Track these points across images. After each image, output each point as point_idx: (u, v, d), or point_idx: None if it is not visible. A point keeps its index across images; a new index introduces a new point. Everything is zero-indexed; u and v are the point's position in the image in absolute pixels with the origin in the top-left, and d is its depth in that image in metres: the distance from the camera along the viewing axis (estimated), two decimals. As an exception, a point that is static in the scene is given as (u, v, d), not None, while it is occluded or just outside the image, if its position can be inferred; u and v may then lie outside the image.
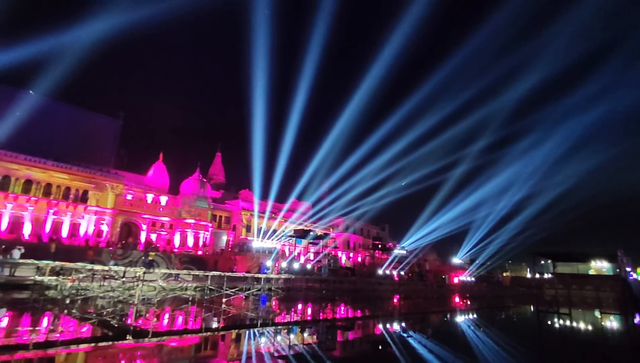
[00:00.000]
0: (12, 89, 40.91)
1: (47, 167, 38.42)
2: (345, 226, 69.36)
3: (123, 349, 9.88)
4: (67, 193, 39.57)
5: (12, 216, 35.79)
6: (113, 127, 50.60)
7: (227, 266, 39.36)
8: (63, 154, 40.73)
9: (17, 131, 35.50)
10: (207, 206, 50.42)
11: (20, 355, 8.47)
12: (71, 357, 8.84)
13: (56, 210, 38.39)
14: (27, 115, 35.92)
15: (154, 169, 54.17)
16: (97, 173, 42.20)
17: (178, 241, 46.71)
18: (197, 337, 12.24)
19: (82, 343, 10.23)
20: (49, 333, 11.04)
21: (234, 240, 52.77)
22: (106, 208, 41.78)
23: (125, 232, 43.82)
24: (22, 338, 10.28)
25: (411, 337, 14.42)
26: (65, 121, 44.84)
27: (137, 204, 45.89)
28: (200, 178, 52.30)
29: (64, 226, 38.61)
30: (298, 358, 9.64)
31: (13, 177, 36.42)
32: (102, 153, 47.89)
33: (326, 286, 34.86)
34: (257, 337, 12.66)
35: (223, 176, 74.75)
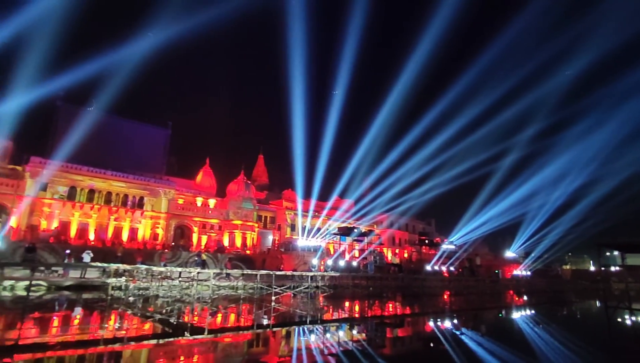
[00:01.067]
0: (75, 107, 44.62)
1: (107, 177, 41.53)
2: (390, 222, 68.33)
3: (182, 345, 10.43)
4: (125, 200, 42.51)
5: (79, 223, 39.08)
6: (163, 136, 53.54)
7: (274, 265, 40.30)
8: (120, 164, 43.79)
9: (80, 146, 38.63)
10: (252, 208, 51.89)
11: (93, 350, 9.23)
12: (136, 353, 9.49)
13: (116, 216, 41.38)
14: (88, 130, 39.00)
15: (202, 173, 56.67)
16: (150, 180, 44.94)
17: (227, 242, 48.51)
18: (249, 333, 12.65)
19: (145, 340, 10.95)
20: (116, 331, 11.92)
21: (280, 239, 53.86)
22: (160, 212, 44.35)
23: (178, 234, 46.24)
24: (94, 334, 11.19)
25: (464, 335, 13.92)
26: (120, 134, 48.11)
27: (188, 208, 48.27)
28: (244, 180, 53.92)
29: (124, 231, 41.53)
30: (348, 355, 9.65)
31: (78, 187, 39.75)
32: (154, 161, 50.87)
33: (373, 283, 34.58)
34: (306, 334, 12.84)
35: (266, 178, 76.49)
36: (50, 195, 37.80)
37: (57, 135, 42.55)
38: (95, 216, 40.07)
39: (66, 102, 44.99)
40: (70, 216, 38.64)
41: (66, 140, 37.54)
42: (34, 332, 11.35)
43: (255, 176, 74.60)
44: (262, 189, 67.38)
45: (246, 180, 54.57)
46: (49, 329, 12.04)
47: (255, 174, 75.31)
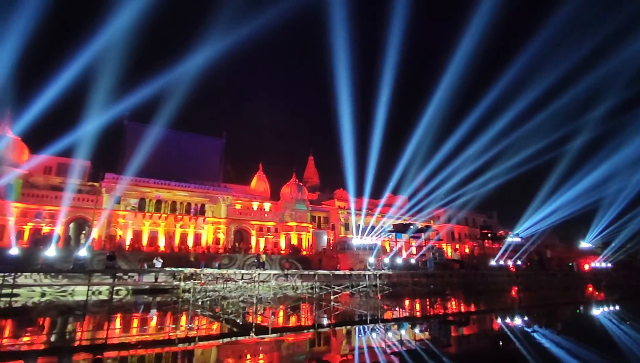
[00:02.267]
0: (139, 125, 48.53)
1: (171, 187, 44.58)
2: (448, 216, 65.74)
3: (248, 344, 10.88)
4: (189, 208, 45.28)
5: (150, 231, 42.36)
6: (218, 146, 56.30)
7: (331, 265, 40.57)
8: (182, 174, 46.76)
9: (146, 160, 41.94)
10: (305, 209, 52.72)
11: (168, 349, 9.95)
12: (206, 352, 10.06)
13: (182, 224, 44.23)
14: (152, 145, 42.26)
15: (256, 179, 58.74)
16: (210, 188, 47.49)
17: (283, 243, 49.76)
18: (310, 333, 12.86)
19: (214, 339, 11.57)
20: (188, 331, 12.73)
21: (334, 239, 54.15)
22: (220, 218, 46.66)
23: (238, 238, 48.30)
24: (168, 334, 12.05)
25: (537, 332, 12.99)
26: (181, 146, 51.39)
27: (245, 212, 50.27)
28: (296, 183, 54.97)
29: (189, 237, 44.28)
30: (412, 355, 9.44)
31: (147, 199, 43.10)
32: (212, 170, 53.65)
33: (434, 281, 33.50)
34: (367, 333, 12.77)
35: (317, 178, 77.38)
36: (124, 207, 41.37)
37: (126, 152, 46.48)
38: (163, 225, 43.16)
39: (132, 121, 49.01)
40: (141, 226, 42.00)
41: (134, 156, 40.92)
42: (119, 332, 12.49)
43: (307, 177, 75.78)
44: (314, 190, 68.21)
45: (298, 182, 55.60)
46: (130, 329, 13.18)
47: (307, 176, 76.50)
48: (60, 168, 43.72)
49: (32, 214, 37.24)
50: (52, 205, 38.11)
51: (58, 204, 37.89)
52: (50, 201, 38.38)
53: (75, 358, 9.02)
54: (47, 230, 37.10)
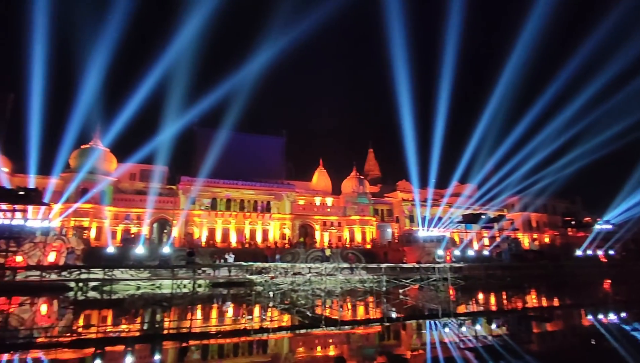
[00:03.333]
0: (208, 129, 51.85)
1: (239, 187, 47.09)
2: (523, 204, 60.86)
3: (318, 336, 11.13)
4: (256, 206, 47.47)
5: (222, 229, 45.20)
6: (280, 144, 58.15)
7: (397, 258, 39.87)
8: (248, 174, 49.15)
9: (215, 162, 44.74)
10: (367, 202, 52.35)
11: (244, 339, 10.55)
12: (279, 342, 10.49)
13: (250, 221, 46.53)
14: (220, 148, 44.99)
15: (317, 174, 59.66)
16: (274, 185, 49.30)
17: (347, 237, 49.97)
18: (379, 326, 12.79)
19: (286, 331, 12.02)
20: (262, 322, 13.37)
21: (399, 232, 53.07)
22: (285, 214, 48.24)
23: (302, 233, 49.57)
24: (244, 325, 12.78)
25: (638, 330, 11.53)
26: (245, 147, 53.98)
27: (308, 208, 51.36)
28: (357, 176, 54.77)
29: (257, 233, 46.45)
30: (489, 350, 8.94)
31: (218, 198, 46.01)
32: (275, 168, 55.61)
33: (510, 273, 31.36)
34: (439, 327, 12.35)
35: (378, 171, 76.33)
36: (198, 207, 44.60)
37: (197, 155, 50.02)
38: (234, 222, 45.75)
39: (201, 127, 52.53)
40: (214, 224, 44.97)
41: (204, 159, 43.88)
42: (200, 322, 13.53)
43: (367, 170, 75.11)
44: (376, 183, 67.39)
45: (359, 176, 55.34)
46: (209, 320, 14.21)
47: (367, 168, 75.83)
48: (143, 173, 48.40)
49: (122, 216, 41.71)
50: (138, 208, 42.37)
51: (143, 207, 42.05)
52: (136, 204, 42.71)
53: (164, 345, 9.96)
54: (135, 230, 41.35)
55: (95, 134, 42.76)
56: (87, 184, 39.00)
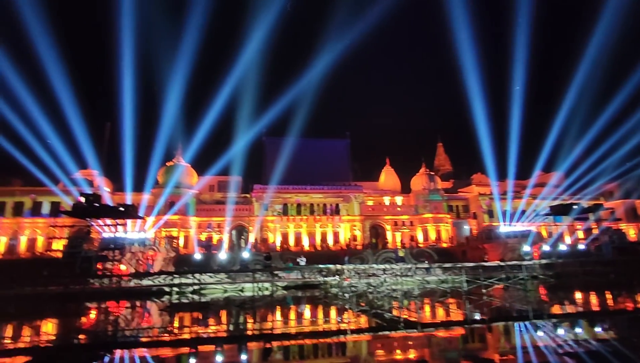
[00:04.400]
0: (276, 138, 54.08)
1: (308, 191, 48.24)
2: (624, 190, 53.33)
3: (397, 339, 10.87)
4: (325, 209, 48.17)
5: (295, 233, 46.62)
6: (344, 146, 58.40)
7: (477, 256, 37.50)
8: (315, 178, 50.12)
9: (284, 169, 46.47)
10: (440, 199, 50.10)
11: (322, 340, 10.71)
12: (357, 344, 10.45)
13: (321, 224, 47.32)
14: (287, 155, 46.66)
15: (384, 173, 58.69)
16: (341, 188, 49.61)
17: (421, 236, 48.29)
18: (462, 328, 12.10)
19: (364, 333, 11.94)
20: (338, 324, 13.47)
21: (477, 228, 49.89)
22: (355, 215, 48.21)
23: (373, 234, 49.06)
24: (322, 326, 12.99)
25: None
26: (311, 152, 55.13)
27: (378, 208, 50.71)
28: (427, 173, 52.77)
29: (328, 235, 47.06)
30: (593, 356, 7.94)
31: (289, 204, 47.59)
32: (341, 170, 55.93)
33: (614, 269, 27.69)
34: (530, 330, 11.31)
35: (449, 165, 72.74)
36: (271, 213, 46.56)
37: (267, 164, 52.33)
38: (305, 226, 46.91)
39: (269, 136, 54.93)
40: (287, 228, 46.56)
41: (274, 166, 45.82)
42: (280, 324, 14.05)
43: (438, 165, 72.00)
44: (447, 178, 64.28)
45: (429, 172, 53.29)
46: (288, 321, 14.68)
47: (437, 164, 72.71)
48: (220, 184, 51.95)
49: (205, 225, 45.11)
50: (218, 216, 45.53)
51: (222, 216, 45.08)
52: (216, 213, 45.92)
53: (249, 345, 10.52)
54: (216, 237, 44.48)
55: (178, 152, 47.00)
56: (173, 197, 42.96)
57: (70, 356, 9.97)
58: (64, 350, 10.55)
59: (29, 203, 43.44)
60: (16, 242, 42.00)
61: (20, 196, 43.57)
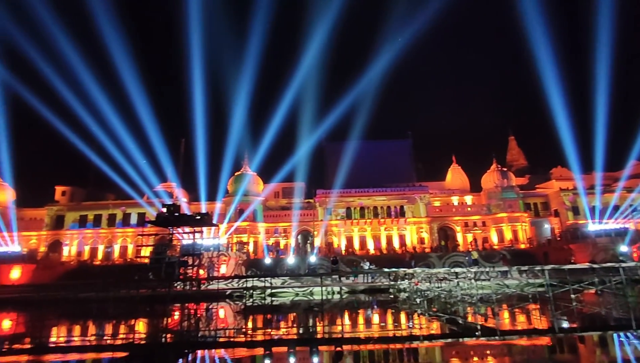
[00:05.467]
0: (336, 143, 54.59)
1: (370, 194, 47.76)
2: None
3: (473, 346, 10.27)
4: (389, 211, 47.26)
5: (359, 236, 46.39)
6: (406, 146, 56.95)
7: (561, 258, 34.09)
8: (378, 180, 49.49)
9: (345, 172, 46.59)
10: (515, 196, 46.46)
11: (393, 346, 10.48)
12: (430, 351, 10.06)
13: (385, 227, 46.51)
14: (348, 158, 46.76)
15: (451, 172, 56.03)
16: (405, 189, 48.33)
17: (495, 238, 45.17)
18: (548, 337, 11.06)
19: (438, 339, 11.46)
20: (410, 329, 13.08)
21: (561, 227, 45.36)
22: (421, 217, 46.62)
23: (442, 236, 46.97)
24: (393, 331, 12.73)
25: None
26: (372, 154, 54.61)
27: (446, 209, 48.51)
28: (498, 169, 49.35)
29: (393, 238, 46.07)
30: None
31: (352, 207, 47.54)
32: (404, 171, 54.55)
33: None
34: (633, 342, 9.96)
35: (524, 159, 67.19)
36: (335, 217, 46.88)
37: (328, 168, 52.97)
38: (369, 229, 46.47)
39: (329, 141, 55.61)
40: (351, 232, 46.51)
41: (335, 171, 46.20)
42: (349, 328, 14.04)
43: (510, 161, 66.95)
44: (522, 173, 59.50)
45: (500, 168, 49.81)
46: (357, 325, 14.62)
47: (510, 159, 67.63)
48: (284, 191, 53.65)
49: (272, 231, 46.83)
50: (283, 222, 47.01)
51: (287, 221, 46.46)
52: (281, 219, 47.45)
53: (320, 348, 10.65)
54: (283, 242, 45.91)
55: (245, 162, 49.56)
56: (242, 205, 45.29)
57: (160, 353, 10.95)
58: (155, 347, 11.62)
59: (120, 214, 48.79)
60: (111, 250, 47.35)
61: (113, 209, 49.11)
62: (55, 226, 49.07)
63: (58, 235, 48.45)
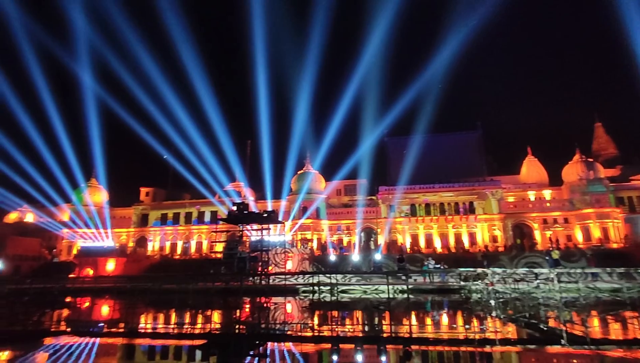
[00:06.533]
0: (398, 138, 53.31)
1: (436, 190, 45.93)
2: None
3: (556, 354, 9.41)
4: (457, 208, 45.05)
5: (425, 234, 44.89)
6: (475, 139, 53.70)
7: (665, 259, 29.79)
8: (444, 175, 47.42)
9: (409, 168, 45.26)
10: (604, 190, 41.55)
11: (464, 348, 9.98)
12: (506, 356, 9.40)
13: (453, 224, 44.43)
14: (411, 153, 45.37)
15: (526, 165, 51.80)
16: (474, 184, 45.68)
17: (580, 236, 40.83)
18: (651, 350, 9.72)
19: (515, 344, 10.68)
20: (481, 332, 12.36)
21: (665, 224, 39.64)
22: (493, 214, 43.74)
23: (517, 234, 43.63)
24: (465, 334, 12.13)
25: None
26: (438, 148, 52.36)
27: (521, 205, 44.98)
28: (583, 160, 44.52)
29: (462, 236, 43.80)
30: None
31: (416, 204, 46.12)
32: (473, 165, 51.53)
33: None
34: None
35: (614, 148, 59.69)
36: (398, 214, 45.89)
37: (391, 164, 51.94)
38: (436, 227, 44.74)
39: (391, 136, 54.48)
40: (416, 230, 45.19)
41: (398, 167, 45.16)
42: (416, 327, 13.66)
43: (597, 150, 59.97)
44: (612, 164, 53.00)
45: (585, 158, 44.91)
46: (425, 326, 14.17)
47: (596, 148, 60.59)
48: (347, 188, 53.80)
49: (335, 228, 47.26)
50: (346, 219, 47.22)
51: (350, 218, 46.59)
52: (344, 216, 47.69)
53: (388, 347, 10.52)
54: (346, 239, 46.08)
55: (307, 160, 50.62)
56: (306, 203, 46.34)
57: (234, 343, 11.64)
58: (230, 338, 12.38)
59: (195, 213, 52.79)
60: (188, 245, 51.42)
61: (189, 208, 53.27)
62: (140, 224, 54.68)
63: (143, 231, 53.90)
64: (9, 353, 9.99)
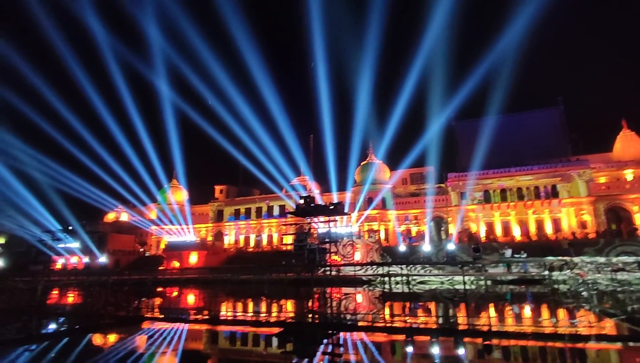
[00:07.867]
0: (467, 121, 50.23)
1: (512, 174, 42.59)
2: None
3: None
4: (537, 192, 41.38)
5: (502, 221, 41.96)
6: (556, 116, 48.55)
7: None
8: (521, 158, 43.72)
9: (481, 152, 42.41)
10: None
11: (551, 344, 9.20)
12: (603, 354, 8.50)
13: (534, 210, 40.92)
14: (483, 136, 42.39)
15: (620, 141, 45.65)
16: (557, 165, 41.53)
17: (696, 219, 35.10)
18: None
19: (614, 341, 9.60)
20: (573, 327, 11.27)
21: None
22: (580, 197, 39.43)
23: (612, 218, 38.82)
24: (549, 328, 11.18)
25: None
26: (513, 129, 48.24)
27: (615, 186, 39.86)
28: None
29: (545, 223, 40.14)
30: None
31: (491, 190, 43.25)
32: (554, 145, 46.67)
33: None
34: None
35: None
36: (470, 202, 43.44)
37: (460, 150, 49.14)
38: (514, 213, 41.60)
39: (459, 120, 51.50)
40: (491, 217, 42.43)
41: (469, 151, 42.62)
42: (495, 320, 12.91)
43: None
44: None
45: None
46: (505, 318, 13.32)
47: None
48: (413, 177, 52.24)
49: (402, 218, 46.28)
50: (413, 208, 45.97)
51: (418, 207, 45.25)
52: (411, 206, 46.45)
53: (465, 340, 10.11)
54: (414, 229, 44.88)
55: (370, 151, 50.08)
56: (371, 193, 45.99)
57: (309, 331, 12.07)
58: (305, 326, 12.86)
59: (265, 207, 55.30)
60: (260, 238, 54.11)
61: (259, 203, 55.97)
62: (217, 219, 58.82)
63: (219, 226, 57.91)
64: (116, 335, 11.59)
